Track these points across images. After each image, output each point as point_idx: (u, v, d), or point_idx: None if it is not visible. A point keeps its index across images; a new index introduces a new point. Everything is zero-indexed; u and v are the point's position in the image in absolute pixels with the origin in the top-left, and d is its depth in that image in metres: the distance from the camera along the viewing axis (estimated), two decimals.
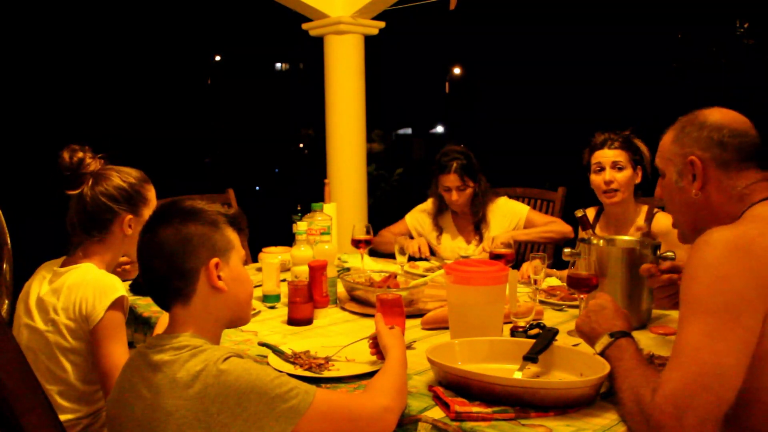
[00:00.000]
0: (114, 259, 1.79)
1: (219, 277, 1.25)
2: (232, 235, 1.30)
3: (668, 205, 1.42)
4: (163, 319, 1.72)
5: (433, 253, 2.93)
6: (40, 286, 1.70)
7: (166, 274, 1.23)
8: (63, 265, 1.72)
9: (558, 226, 2.87)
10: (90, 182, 1.74)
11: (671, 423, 1.05)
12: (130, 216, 1.75)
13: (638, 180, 2.39)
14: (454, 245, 2.95)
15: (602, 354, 1.31)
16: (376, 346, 1.53)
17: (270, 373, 1.15)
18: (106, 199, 1.72)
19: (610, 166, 2.36)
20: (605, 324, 1.37)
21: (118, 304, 1.63)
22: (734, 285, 1.10)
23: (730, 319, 1.08)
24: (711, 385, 1.06)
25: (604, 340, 1.32)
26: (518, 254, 3.05)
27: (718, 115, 1.32)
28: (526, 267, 2.35)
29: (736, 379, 1.08)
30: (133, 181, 1.78)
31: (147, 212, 1.78)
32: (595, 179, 2.40)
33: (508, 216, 2.91)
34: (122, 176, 1.77)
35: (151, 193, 1.82)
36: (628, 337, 1.31)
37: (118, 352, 1.60)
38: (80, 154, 1.75)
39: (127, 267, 2.13)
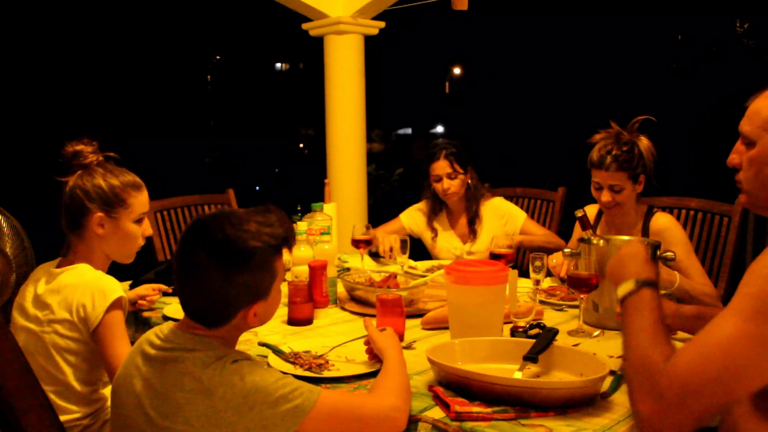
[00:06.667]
0: (106, 260, 1.76)
1: (255, 314, 1.24)
2: (279, 264, 1.27)
3: (750, 175, 1.24)
4: None
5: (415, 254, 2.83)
6: (36, 287, 1.70)
7: (204, 305, 1.21)
8: (59, 266, 1.71)
9: (557, 239, 2.81)
10: (77, 175, 1.71)
11: (674, 400, 1.00)
12: (100, 214, 1.69)
13: (640, 189, 2.31)
14: (449, 245, 2.94)
15: (622, 301, 1.21)
16: (372, 350, 1.53)
17: (275, 374, 1.18)
18: (81, 194, 1.68)
19: (607, 188, 2.27)
20: (634, 268, 1.26)
21: (116, 304, 1.62)
22: None
23: None
24: (728, 384, 1.00)
25: (629, 286, 1.20)
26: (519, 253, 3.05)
27: None
28: (557, 259, 2.29)
29: (757, 384, 1.01)
30: (116, 184, 1.71)
31: (125, 216, 1.73)
32: (595, 194, 2.34)
33: (505, 217, 2.86)
34: (106, 177, 1.71)
35: (136, 199, 1.74)
36: (653, 289, 1.20)
37: (123, 349, 1.59)
38: (79, 146, 1.72)
39: (155, 298, 2.13)
